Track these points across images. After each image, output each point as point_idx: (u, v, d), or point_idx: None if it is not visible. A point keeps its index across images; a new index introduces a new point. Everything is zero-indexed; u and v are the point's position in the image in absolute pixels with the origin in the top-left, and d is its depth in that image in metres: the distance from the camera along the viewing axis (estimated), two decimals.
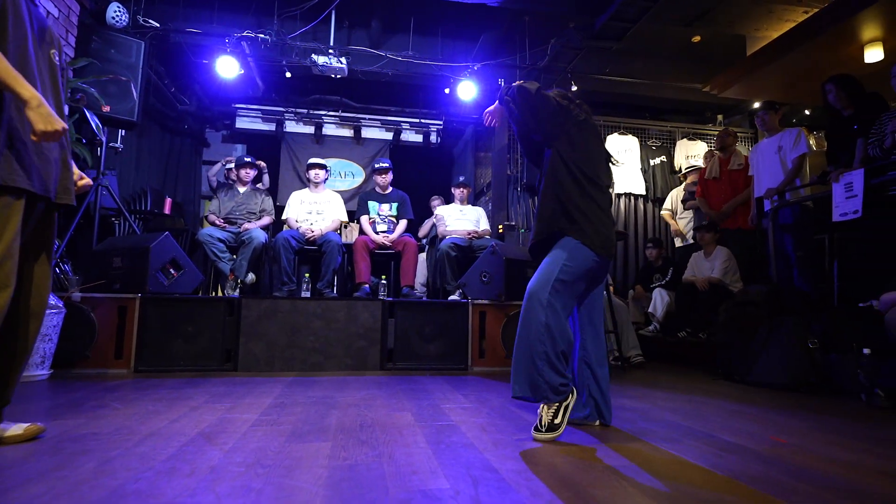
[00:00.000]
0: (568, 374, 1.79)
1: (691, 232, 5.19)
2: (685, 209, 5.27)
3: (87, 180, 1.85)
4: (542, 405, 1.78)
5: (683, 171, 5.80)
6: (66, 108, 1.85)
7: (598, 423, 1.99)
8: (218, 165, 5.19)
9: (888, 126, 3.00)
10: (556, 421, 1.74)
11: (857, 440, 1.83)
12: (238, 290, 4.06)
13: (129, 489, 1.21)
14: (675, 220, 5.39)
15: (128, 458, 1.44)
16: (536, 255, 1.99)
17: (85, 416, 1.96)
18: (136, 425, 1.83)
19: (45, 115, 1.45)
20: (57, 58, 1.70)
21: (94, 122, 3.47)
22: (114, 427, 1.80)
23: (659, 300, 4.63)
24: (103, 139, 3.90)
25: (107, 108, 3.72)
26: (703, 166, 5.23)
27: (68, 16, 3.84)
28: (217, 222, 4.37)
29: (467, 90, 5.31)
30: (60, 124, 1.49)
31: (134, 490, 1.20)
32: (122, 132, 4.43)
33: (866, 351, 2.60)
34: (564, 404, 1.77)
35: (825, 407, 2.48)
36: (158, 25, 4.70)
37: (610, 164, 2.08)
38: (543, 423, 1.74)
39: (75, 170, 1.79)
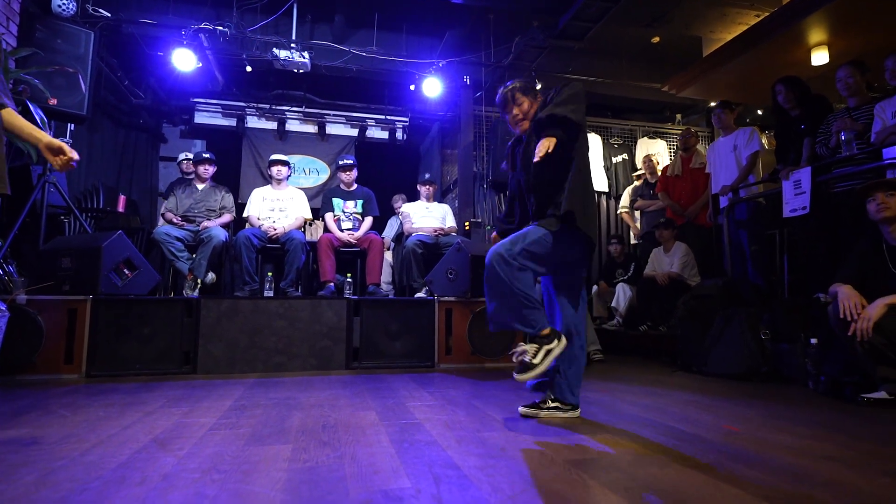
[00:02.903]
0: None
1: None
2: (637, 207, 5.41)
3: (69, 155, 1.80)
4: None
5: (636, 174, 5.94)
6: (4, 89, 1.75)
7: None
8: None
9: (833, 126, 3.15)
10: (535, 361, 1.87)
11: (803, 426, 1.91)
12: (197, 291, 3.95)
13: (72, 501, 1.15)
14: (633, 220, 5.53)
15: (73, 469, 1.37)
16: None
17: (28, 425, 1.86)
18: (85, 433, 1.75)
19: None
20: None
21: (38, 115, 3.29)
22: (60, 435, 1.71)
23: (622, 295, 4.74)
24: (50, 134, 3.71)
25: (53, 101, 3.54)
26: (644, 172, 5.40)
27: (9, 2, 3.63)
28: (174, 220, 4.23)
29: (433, 87, 5.29)
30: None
31: (78, 502, 1.14)
32: (70, 126, 4.22)
33: (813, 341, 2.73)
34: (546, 347, 1.90)
35: (775, 395, 2.59)
36: (109, 15, 4.50)
37: None
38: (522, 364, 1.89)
39: (57, 142, 1.77)
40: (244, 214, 4.46)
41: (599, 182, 6.12)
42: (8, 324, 2.72)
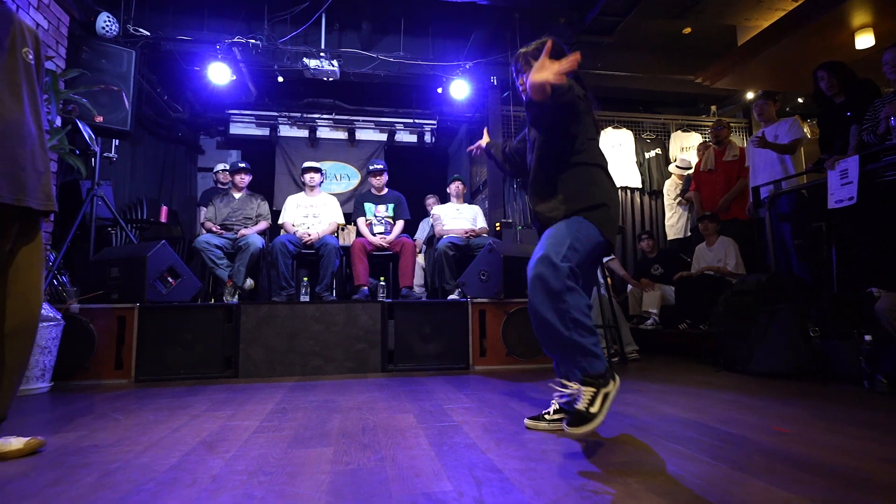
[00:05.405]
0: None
1: (678, 226, 5.21)
2: (683, 199, 5.27)
3: None
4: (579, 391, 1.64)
5: (672, 166, 5.79)
6: (55, 116, 1.82)
7: None
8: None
9: (882, 112, 3.00)
10: (592, 410, 1.59)
11: (859, 427, 1.82)
12: (236, 297, 4.05)
13: (130, 501, 1.20)
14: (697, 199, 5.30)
15: (129, 470, 1.43)
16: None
17: (85, 428, 1.95)
18: (137, 436, 1.82)
19: None
20: (31, 56, 1.64)
21: (86, 132, 3.45)
22: (115, 438, 1.79)
23: (652, 294, 4.64)
24: (97, 149, 3.89)
25: (99, 119, 3.70)
26: (689, 167, 5.25)
27: (58, 27, 3.82)
28: (213, 229, 4.36)
29: (460, 89, 5.30)
30: None
31: (135, 502, 1.19)
32: (115, 142, 4.42)
33: (868, 337, 2.59)
34: (604, 391, 1.64)
35: (826, 394, 2.48)
36: (149, 34, 4.68)
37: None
38: (576, 414, 1.59)
39: None
40: (279, 221, 4.56)
41: (632, 178, 6.00)
42: (63, 331, 2.89)
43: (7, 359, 1.58)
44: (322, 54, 4.92)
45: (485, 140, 2.43)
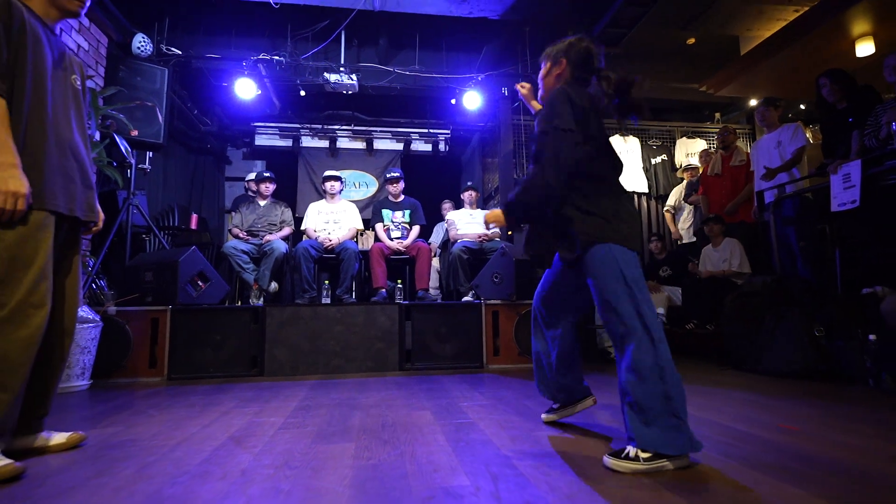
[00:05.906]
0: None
1: (690, 230, 5.28)
2: (687, 203, 5.36)
3: None
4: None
5: (682, 169, 5.88)
6: (95, 131, 1.95)
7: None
8: None
9: (883, 117, 3.06)
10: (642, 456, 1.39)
11: (866, 425, 1.83)
12: (262, 299, 4.23)
13: (165, 493, 1.26)
14: (674, 222, 5.52)
15: (164, 463, 1.50)
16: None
17: (123, 424, 2.03)
18: (171, 431, 1.89)
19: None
20: (79, 83, 1.79)
21: (123, 146, 3.67)
22: (150, 433, 1.87)
23: (657, 296, 4.71)
24: (133, 161, 4.10)
25: (135, 133, 3.90)
26: (699, 166, 5.35)
27: (97, 48, 4.07)
28: (240, 235, 4.56)
29: (473, 100, 5.45)
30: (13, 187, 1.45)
31: (170, 494, 1.25)
32: (149, 154, 4.64)
33: (872, 337, 2.62)
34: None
35: (834, 393, 2.48)
36: (180, 53, 4.94)
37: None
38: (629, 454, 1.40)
39: None
40: (302, 227, 4.75)
41: (639, 183, 6.07)
42: (101, 332, 3.08)
43: (55, 358, 1.69)
44: (342, 69, 5.12)
45: (528, 98, 2.12)
